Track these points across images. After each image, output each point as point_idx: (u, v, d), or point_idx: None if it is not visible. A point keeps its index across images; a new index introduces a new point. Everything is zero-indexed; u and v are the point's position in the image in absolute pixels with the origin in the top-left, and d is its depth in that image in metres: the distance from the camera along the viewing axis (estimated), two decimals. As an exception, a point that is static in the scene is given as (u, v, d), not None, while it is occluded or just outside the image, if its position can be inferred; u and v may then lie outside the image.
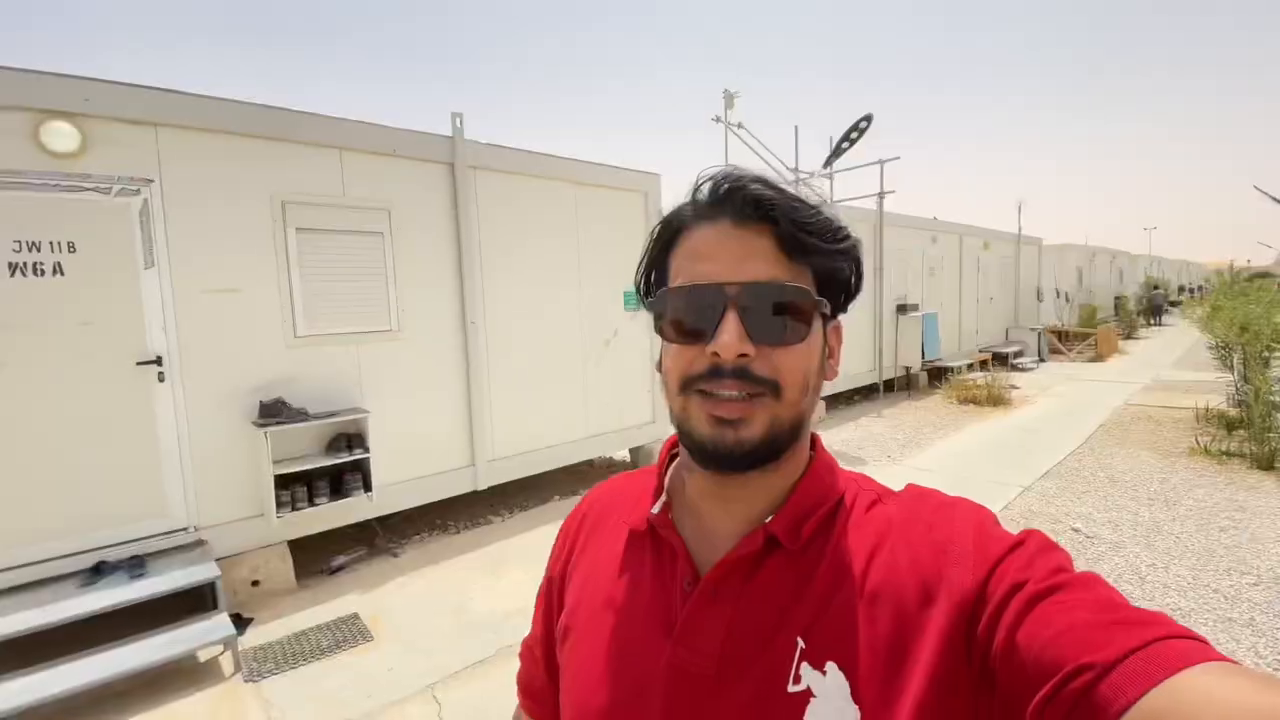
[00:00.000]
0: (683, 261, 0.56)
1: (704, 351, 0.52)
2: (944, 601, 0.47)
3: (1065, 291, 18.40)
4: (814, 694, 0.48)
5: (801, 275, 0.54)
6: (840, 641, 0.49)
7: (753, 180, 0.53)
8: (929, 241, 10.98)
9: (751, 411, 0.52)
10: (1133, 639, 0.38)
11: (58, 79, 3.14)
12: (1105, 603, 0.42)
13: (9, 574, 3.05)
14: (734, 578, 0.54)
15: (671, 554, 0.59)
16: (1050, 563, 0.47)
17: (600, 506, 0.71)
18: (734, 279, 0.52)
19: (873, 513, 0.56)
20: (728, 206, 0.53)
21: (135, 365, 3.40)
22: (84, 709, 2.71)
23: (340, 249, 4.09)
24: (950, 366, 10.50)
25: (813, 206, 0.53)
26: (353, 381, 4.17)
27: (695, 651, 0.53)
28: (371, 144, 4.21)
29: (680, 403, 0.55)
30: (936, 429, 7.59)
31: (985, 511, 0.54)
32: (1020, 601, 0.43)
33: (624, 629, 0.58)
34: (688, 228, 0.56)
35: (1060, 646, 0.39)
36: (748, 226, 0.53)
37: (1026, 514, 4.70)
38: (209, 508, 3.62)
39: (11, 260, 3.05)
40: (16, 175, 3.04)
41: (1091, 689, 0.36)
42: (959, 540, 0.50)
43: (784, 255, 0.53)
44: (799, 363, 0.53)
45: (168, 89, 3.47)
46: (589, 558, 0.66)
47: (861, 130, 7.58)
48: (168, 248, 3.47)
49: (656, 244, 0.59)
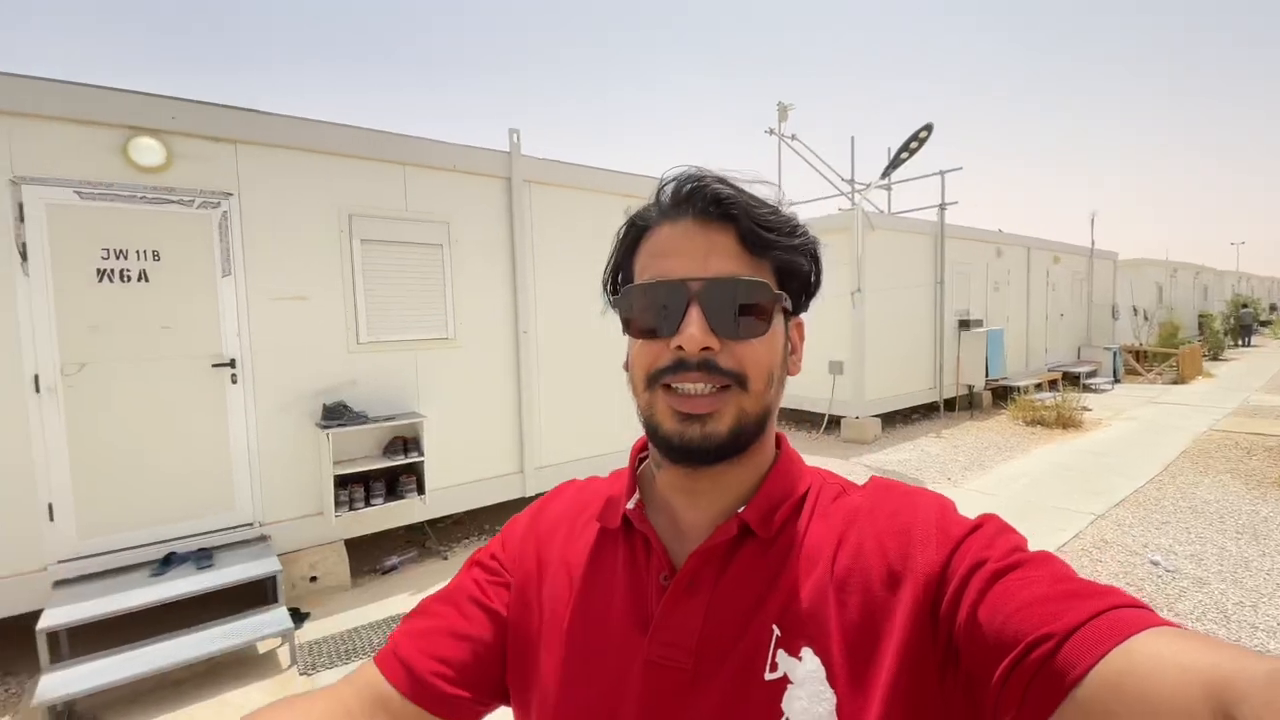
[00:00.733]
0: (647, 260, 0.57)
1: (669, 346, 0.53)
2: (910, 583, 0.49)
3: (1143, 309, 17.36)
4: (791, 680, 0.49)
5: (762, 271, 0.55)
6: (814, 627, 0.50)
7: (714, 180, 0.54)
8: (994, 254, 10.55)
9: (718, 405, 0.53)
10: (1087, 609, 0.40)
11: (147, 98, 3.39)
12: (1060, 576, 0.44)
13: (86, 562, 3.26)
14: (709, 568, 0.55)
15: (645, 550, 0.59)
16: (1008, 543, 0.49)
17: (562, 509, 0.68)
18: (697, 274, 0.53)
19: (839, 502, 0.58)
20: (690, 206, 0.55)
21: (211, 368, 3.60)
22: (148, 694, 2.86)
23: (401, 259, 4.25)
24: (1016, 386, 10.02)
25: (771, 205, 0.55)
26: (410, 387, 4.30)
27: (672, 646, 0.53)
28: (433, 159, 4.37)
29: (647, 399, 0.56)
30: (1000, 451, 7.25)
31: (945, 499, 0.56)
32: (981, 579, 0.45)
33: (599, 627, 0.58)
34: (652, 228, 0.58)
35: (1020, 619, 0.41)
36: (710, 224, 0.54)
37: (1099, 543, 4.41)
38: (273, 505, 3.79)
39: (100, 267, 3.29)
40: (107, 187, 3.29)
41: (1051, 657, 0.38)
42: (922, 525, 0.52)
43: (745, 251, 0.54)
44: (762, 355, 0.55)
45: (248, 108, 3.70)
46: (555, 556, 0.64)
47: (922, 140, 7.38)
48: (243, 257, 3.68)
49: (622, 245, 0.60)
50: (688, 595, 0.54)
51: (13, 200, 3.06)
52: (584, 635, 0.58)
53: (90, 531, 3.28)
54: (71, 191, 3.20)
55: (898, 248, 8.49)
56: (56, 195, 3.17)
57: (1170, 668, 0.34)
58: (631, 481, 0.64)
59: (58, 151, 3.18)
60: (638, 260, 0.58)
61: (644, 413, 0.57)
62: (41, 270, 3.15)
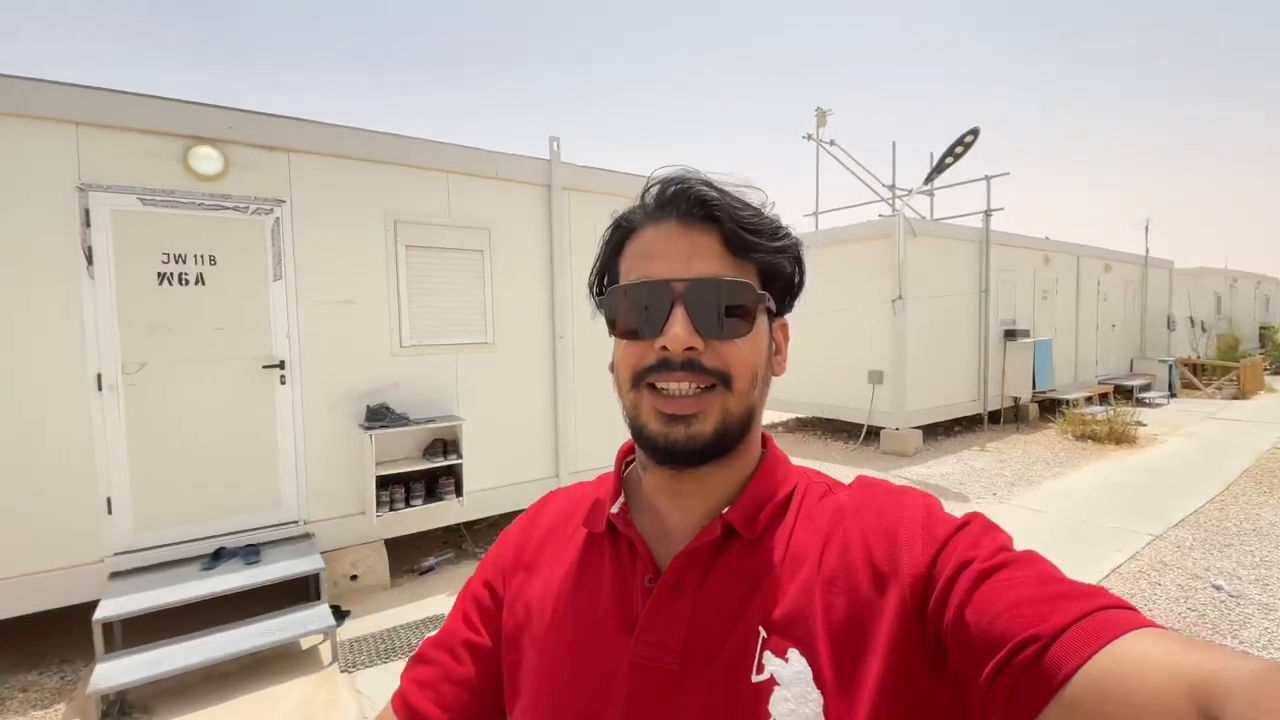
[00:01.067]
0: (632, 261, 0.58)
1: (653, 346, 0.54)
2: (897, 583, 0.49)
3: (1201, 320, 16.60)
4: (778, 682, 0.49)
5: (745, 272, 0.56)
6: (801, 628, 0.50)
7: (698, 183, 0.55)
8: (1041, 262, 10.23)
9: (703, 406, 0.54)
10: (1074, 610, 0.40)
11: (206, 108, 3.52)
12: (1047, 577, 0.44)
13: (141, 555, 3.37)
14: (694, 569, 0.55)
15: (631, 552, 0.59)
16: (994, 542, 0.49)
17: (549, 516, 0.70)
18: (681, 275, 0.54)
19: (825, 502, 0.58)
20: (674, 208, 0.56)
21: (261, 369, 3.71)
22: (196, 685, 2.94)
23: (443, 265, 4.32)
24: (1065, 398, 9.68)
25: (754, 208, 0.56)
26: (450, 390, 4.36)
27: (658, 647, 0.53)
28: (476, 167, 4.44)
29: (632, 399, 0.57)
30: (1049, 466, 6.99)
31: (931, 498, 0.56)
32: (968, 579, 0.45)
33: (585, 631, 0.58)
34: (637, 229, 0.58)
35: (1007, 620, 0.41)
36: (693, 226, 0.55)
37: (1157, 565, 4.21)
38: (317, 503, 3.88)
39: (161, 270, 3.43)
40: (168, 194, 3.42)
41: (1038, 658, 0.39)
42: (908, 524, 0.52)
43: (728, 253, 0.55)
44: (746, 355, 0.55)
45: (300, 118, 3.81)
46: (543, 566, 0.65)
47: (967, 145, 7.20)
48: (293, 262, 3.78)
49: (607, 247, 0.61)
50: (673, 597, 0.54)
51: (80, 206, 3.21)
52: (571, 637, 0.58)
53: (145, 525, 3.40)
54: (135, 198, 3.34)
55: (940, 254, 8.29)
56: (121, 201, 3.31)
57: (1155, 668, 0.35)
58: (616, 485, 0.64)
59: (123, 159, 3.32)
60: (623, 261, 0.59)
61: (629, 413, 0.58)
62: (106, 273, 3.29)
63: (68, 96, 3.17)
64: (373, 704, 2.82)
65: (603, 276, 0.62)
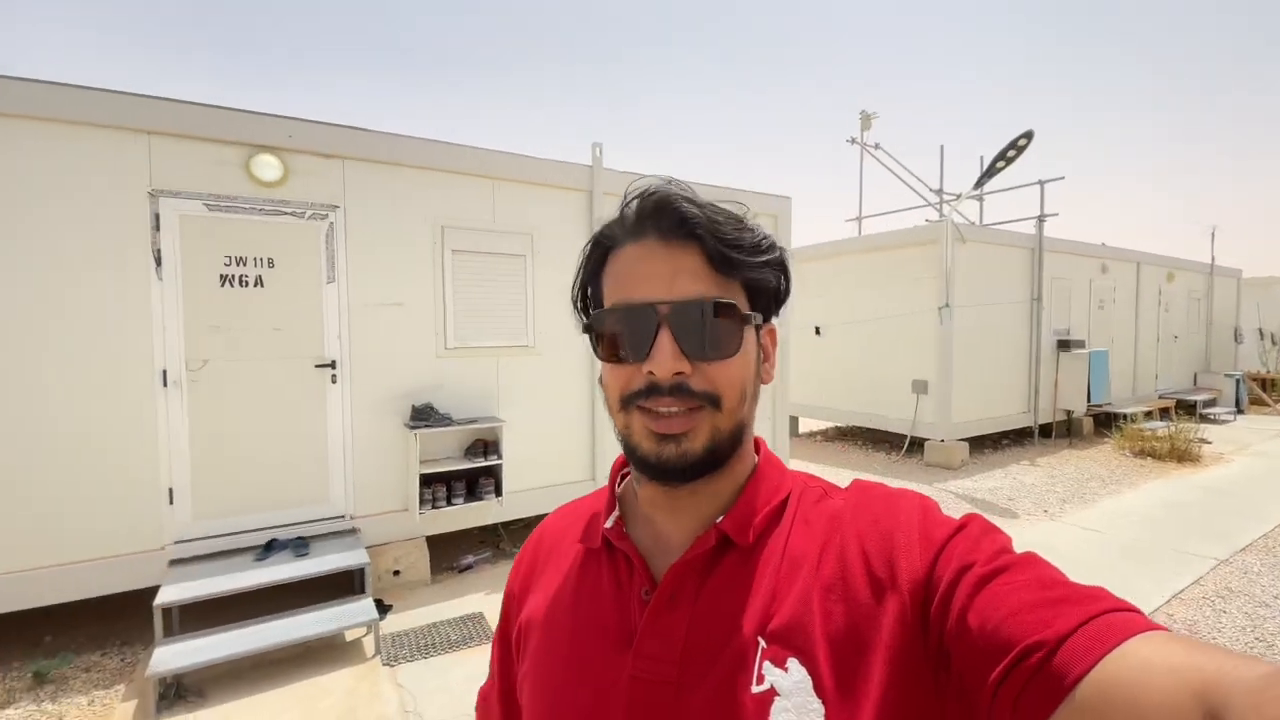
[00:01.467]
0: (614, 281, 0.57)
1: (640, 370, 0.54)
2: (896, 589, 0.49)
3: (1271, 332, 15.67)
4: (778, 692, 0.48)
5: (731, 288, 0.55)
6: (800, 637, 0.50)
7: (679, 199, 0.54)
8: (1098, 270, 9.82)
9: (692, 424, 0.53)
10: (1078, 615, 0.40)
11: (267, 118, 3.68)
12: (1048, 580, 0.44)
13: (199, 544, 3.53)
14: (690, 580, 0.55)
15: (628, 566, 0.59)
16: (993, 544, 0.49)
17: (551, 535, 0.70)
18: (665, 298, 0.53)
19: (820, 507, 0.58)
20: (654, 225, 0.55)
21: (314, 368, 3.85)
22: (247, 672, 3.06)
23: (487, 269, 4.40)
24: (1122, 413, 9.26)
25: (737, 219, 0.56)
26: (491, 392, 4.44)
27: (656, 660, 0.53)
28: (520, 173, 4.51)
29: (623, 419, 0.57)
30: (1105, 484, 6.70)
31: (928, 500, 0.55)
32: (969, 584, 0.45)
33: (583, 646, 0.58)
34: (618, 247, 0.58)
35: (1011, 626, 0.41)
36: (675, 244, 0.54)
37: (1222, 592, 3.99)
38: (363, 499, 3.99)
39: (223, 272, 3.59)
40: (231, 200, 3.58)
41: (1044, 666, 0.39)
42: (905, 529, 0.52)
43: (712, 270, 0.54)
44: (735, 374, 0.55)
45: (354, 126, 3.94)
46: (544, 584, 0.65)
47: (1020, 148, 6.98)
48: (346, 265, 3.91)
49: (588, 264, 0.60)
50: (669, 609, 0.54)
51: (150, 210, 3.39)
52: (569, 653, 0.58)
53: (203, 515, 3.56)
54: (201, 203, 3.51)
55: (990, 261, 8.05)
56: (188, 207, 3.48)
57: (1160, 672, 0.35)
58: (610, 500, 0.64)
59: (190, 166, 3.49)
60: (605, 280, 0.58)
61: (621, 433, 0.58)
62: (173, 274, 3.46)
63: (142, 107, 3.35)
64: (414, 698, 2.89)
65: (585, 290, 0.62)
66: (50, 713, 2.80)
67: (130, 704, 2.85)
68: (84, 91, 3.22)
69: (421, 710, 2.81)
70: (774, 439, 5.89)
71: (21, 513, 3.13)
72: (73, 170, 3.22)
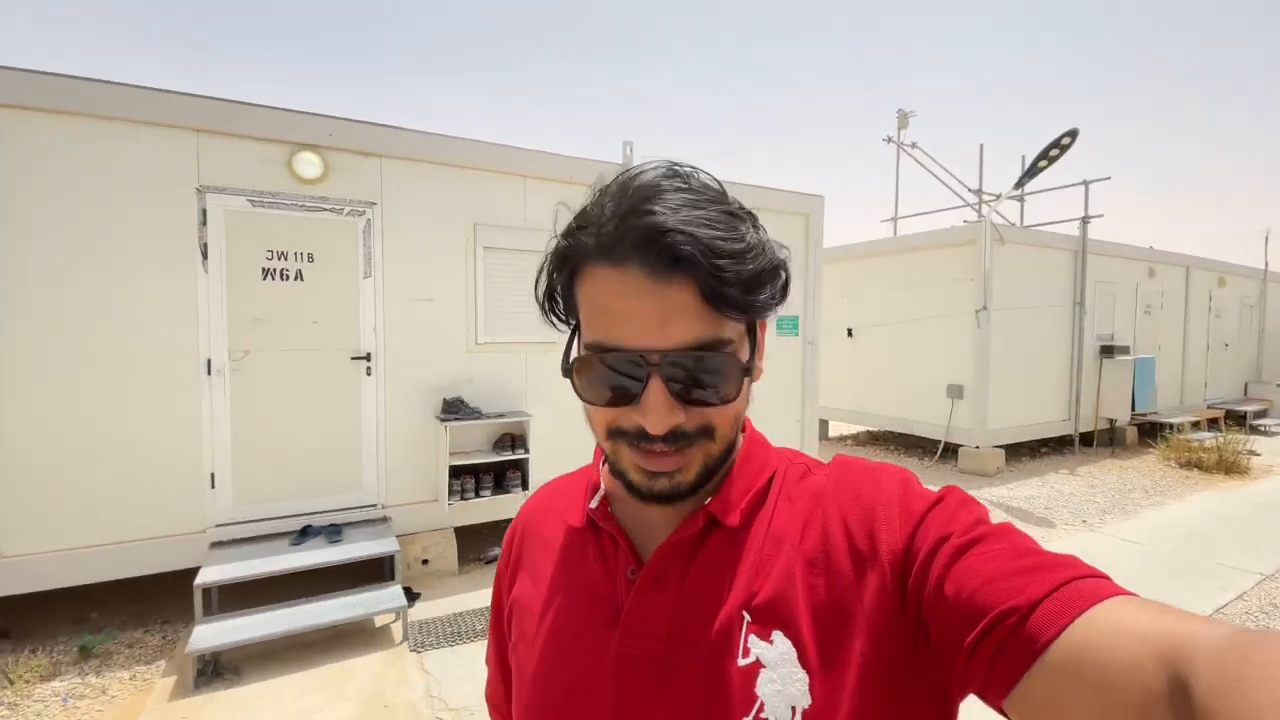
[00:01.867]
0: (592, 311, 0.51)
1: (628, 414, 0.50)
2: (876, 561, 0.49)
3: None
4: (763, 664, 0.49)
5: (726, 327, 0.50)
6: (784, 610, 0.51)
7: (669, 227, 0.46)
8: (1145, 274, 9.48)
9: (686, 460, 0.52)
10: (1049, 581, 0.41)
11: (309, 116, 3.79)
12: (1023, 549, 0.45)
13: (238, 527, 3.66)
14: (677, 560, 0.55)
15: (613, 545, 0.59)
16: (970, 515, 0.49)
17: (538, 513, 0.69)
18: (656, 345, 0.48)
19: (804, 484, 0.58)
20: (638, 256, 0.47)
21: (349, 360, 3.95)
22: (281, 652, 3.16)
23: (517, 266, 4.46)
24: (1168, 422, 8.92)
25: (736, 239, 0.48)
26: (519, 386, 4.49)
27: (643, 638, 0.53)
28: (551, 171, 4.56)
29: (610, 446, 0.54)
30: (1148, 495, 6.47)
31: (908, 473, 0.56)
32: (946, 554, 0.46)
33: (570, 624, 0.58)
34: (591, 262, 0.50)
35: (986, 593, 0.42)
36: (664, 280, 0.47)
37: (1267, 607, 3.82)
38: (394, 489, 4.08)
39: (265, 266, 3.71)
40: (274, 196, 3.70)
41: (1016, 631, 0.39)
42: (885, 502, 0.52)
43: (708, 308, 0.48)
44: (730, 411, 0.52)
45: (393, 126, 4.04)
46: (530, 562, 0.65)
47: (1064, 147, 6.77)
48: (382, 261, 4.01)
49: (558, 276, 0.53)
50: (655, 589, 0.54)
51: (198, 206, 3.52)
52: (558, 630, 0.58)
53: (243, 500, 3.68)
54: (245, 199, 3.64)
55: (1031, 263, 7.83)
56: (233, 203, 3.61)
57: (1128, 635, 0.36)
58: (596, 479, 0.63)
59: (236, 164, 3.62)
60: (580, 300, 0.52)
61: (609, 455, 0.56)
62: (218, 268, 3.59)
63: (192, 106, 3.49)
64: (439, 685, 2.94)
65: (552, 296, 0.55)
66: (94, 685, 2.94)
67: (170, 679, 2.97)
68: (139, 90, 3.37)
69: (446, 696, 2.87)
70: (801, 442, 5.83)
71: (73, 494, 3.28)
72: (126, 167, 3.36)
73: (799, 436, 5.81)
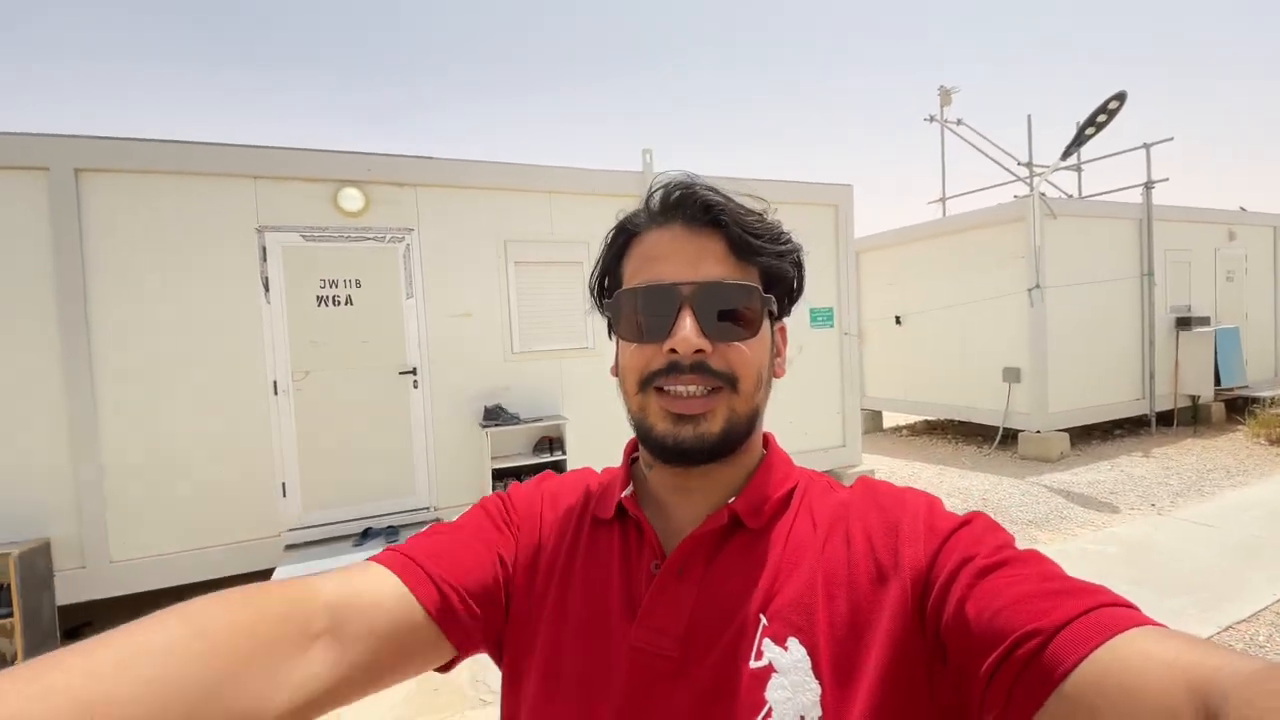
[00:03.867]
0: (638, 264, 0.59)
1: (661, 350, 0.55)
2: (898, 577, 0.50)
3: None
4: (776, 669, 0.50)
5: (749, 275, 0.58)
6: (801, 618, 0.51)
7: (703, 188, 0.57)
8: (1224, 238, 8.79)
9: (711, 406, 0.55)
10: (1075, 606, 0.40)
11: (348, 155, 4.16)
12: (1048, 574, 0.44)
13: (307, 531, 4.05)
14: (699, 556, 0.56)
15: (638, 538, 0.60)
16: (996, 540, 0.49)
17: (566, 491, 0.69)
18: (688, 279, 0.55)
19: (827, 498, 0.60)
20: (680, 212, 0.57)
21: (397, 375, 4.29)
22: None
23: (547, 277, 4.71)
24: (1261, 396, 8.26)
25: (757, 213, 0.58)
26: (555, 392, 4.74)
27: (659, 632, 0.54)
28: (575, 185, 4.80)
29: (639, 401, 0.58)
30: (1230, 475, 6.04)
31: (934, 497, 0.57)
32: (969, 575, 0.46)
33: (591, 613, 0.58)
34: (642, 233, 0.60)
35: (1008, 616, 0.41)
36: (699, 230, 0.57)
37: (1353, 590, 3.55)
38: (443, 492, 4.40)
39: (319, 294, 4.10)
40: (323, 230, 4.09)
41: (1038, 654, 0.39)
42: (910, 520, 0.53)
43: (733, 256, 0.57)
44: (751, 358, 0.57)
45: (425, 156, 4.36)
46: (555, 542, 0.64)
47: (1111, 111, 6.42)
48: (422, 281, 4.34)
49: (610, 250, 0.62)
50: (677, 581, 0.55)
51: (258, 244, 3.94)
52: (577, 620, 0.58)
53: (310, 507, 4.08)
54: (298, 235, 4.03)
55: (1089, 235, 7.45)
56: (288, 239, 4.01)
57: (1155, 665, 0.35)
58: (626, 475, 0.65)
59: (288, 203, 4.03)
60: (627, 264, 0.60)
61: (636, 415, 0.59)
62: (279, 298, 4.00)
63: (249, 156, 3.91)
64: (483, 670, 3.18)
65: (604, 279, 0.63)
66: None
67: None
68: (203, 146, 3.81)
69: (489, 681, 3.10)
70: (844, 435, 5.81)
71: (166, 505, 3.74)
72: (197, 215, 3.82)
73: (840, 430, 5.79)
